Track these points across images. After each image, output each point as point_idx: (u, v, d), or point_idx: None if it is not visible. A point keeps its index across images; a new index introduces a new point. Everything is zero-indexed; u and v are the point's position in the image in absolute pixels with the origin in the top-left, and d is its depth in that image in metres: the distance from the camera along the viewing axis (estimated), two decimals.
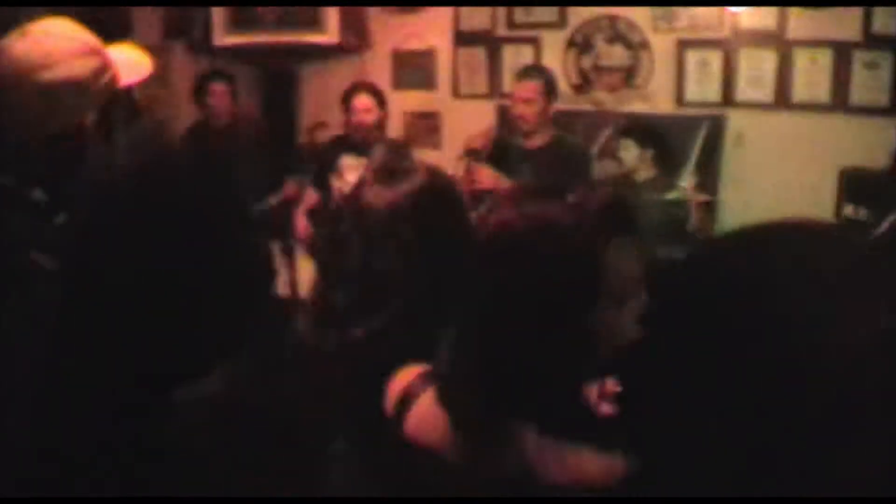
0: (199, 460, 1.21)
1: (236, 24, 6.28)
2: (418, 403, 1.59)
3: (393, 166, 1.88)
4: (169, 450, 1.17)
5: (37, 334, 1.40)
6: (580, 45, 6.06)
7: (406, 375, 1.64)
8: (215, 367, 1.24)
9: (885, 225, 4.16)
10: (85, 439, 1.12)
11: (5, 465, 1.15)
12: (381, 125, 5.39)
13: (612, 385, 1.62)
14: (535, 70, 5.12)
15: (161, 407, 1.20)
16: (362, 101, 5.31)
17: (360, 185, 1.88)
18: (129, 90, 1.95)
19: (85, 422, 1.13)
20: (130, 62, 1.92)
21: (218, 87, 5.73)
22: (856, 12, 5.33)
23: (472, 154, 4.68)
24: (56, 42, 1.72)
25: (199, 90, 5.71)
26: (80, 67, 1.73)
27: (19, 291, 1.47)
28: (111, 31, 5.87)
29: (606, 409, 1.61)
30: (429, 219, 1.78)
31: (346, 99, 5.37)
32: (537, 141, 4.80)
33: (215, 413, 1.29)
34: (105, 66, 1.79)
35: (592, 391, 1.64)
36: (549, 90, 4.88)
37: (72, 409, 1.15)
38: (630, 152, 5.35)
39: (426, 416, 1.57)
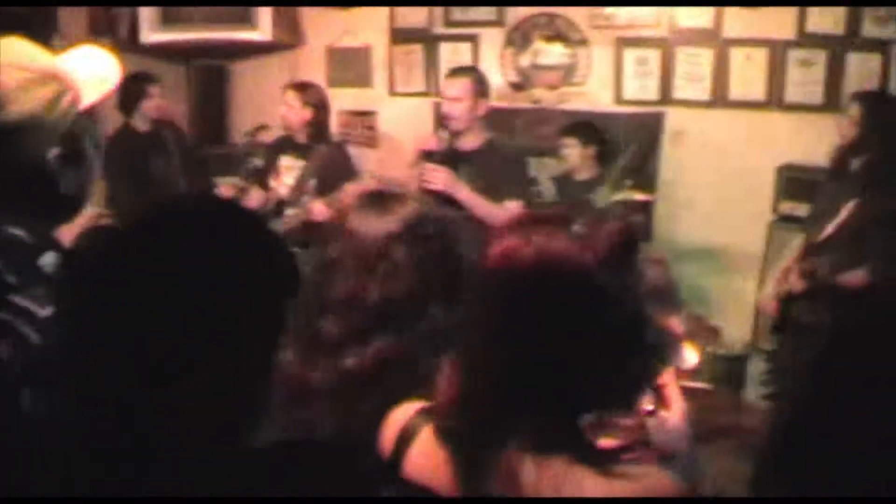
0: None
1: (164, 22, 6.11)
2: (417, 441, 1.53)
3: (381, 191, 1.82)
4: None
5: (25, 385, 1.30)
6: (518, 42, 6.03)
7: (403, 412, 1.58)
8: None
9: (830, 228, 4.21)
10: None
11: None
12: (316, 124, 5.25)
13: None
14: (464, 69, 5.02)
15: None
16: (286, 98, 5.21)
17: (343, 210, 1.81)
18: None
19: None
20: (95, 75, 1.76)
21: (155, 90, 5.57)
22: (790, 11, 5.39)
23: (427, 156, 4.61)
24: (3, 76, 1.56)
25: (131, 93, 5.49)
26: (33, 100, 1.58)
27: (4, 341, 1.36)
28: (35, 29, 5.69)
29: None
30: (424, 246, 1.72)
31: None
32: (471, 143, 4.71)
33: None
34: (62, 91, 1.63)
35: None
36: (480, 90, 4.78)
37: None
38: (573, 150, 5.35)
39: (426, 454, 1.51)
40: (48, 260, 1.49)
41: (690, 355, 5.51)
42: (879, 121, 4.20)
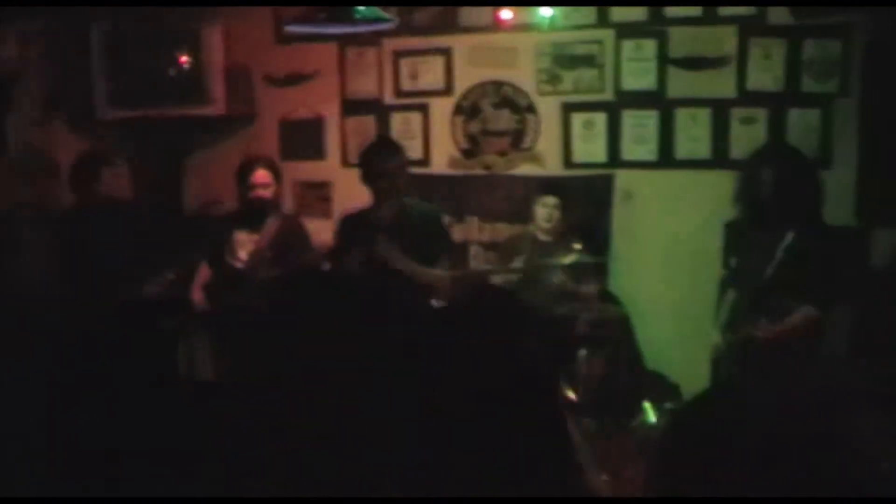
0: None
1: (120, 98, 6.14)
2: None
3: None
4: None
5: None
6: (467, 110, 6.12)
7: None
8: None
9: (769, 271, 4.34)
10: None
11: None
12: (276, 199, 5.37)
13: None
14: (393, 144, 5.17)
15: None
16: (261, 175, 5.26)
17: None
18: None
19: None
20: None
21: (108, 171, 5.52)
22: (731, 71, 5.55)
23: (351, 228, 4.78)
24: None
25: (83, 174, 5.46)
26: None
27: None
28: None
29: None
30: None
31: (243, 173, 5.29)
32: (387, 211, 4.82)
33: None
34: None
35: None
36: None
37: None
38: (546, 210, 5.38)
39: None
40: None
41: (650, 412, 5.52)
42: (786, 171, 4.43)
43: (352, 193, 6.32)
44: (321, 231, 6.09)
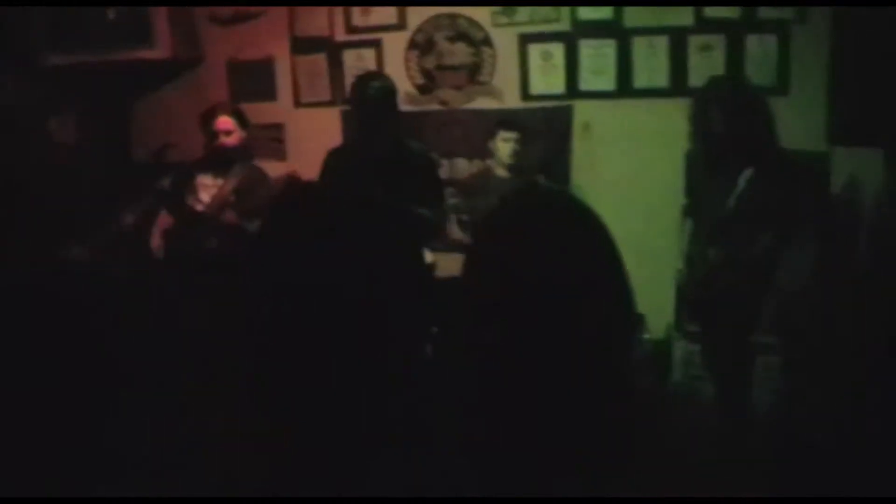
0: None
1: (62, 44, 5.94)
2: None
3: None
4: None
5: None
6: (422, 45, 6.01)
7: None
8: None
9: (731, 201, 4.39)
10: None
11: None
12: (244, 145, 5.26)
13: None
14: (386, 77, 4.91)
15: None
16: (224, 122, 5.15)
17: None
18: None
19: None
20: None
21: (57, 122, 5.40)
22: None
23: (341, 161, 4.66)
24: None
25: (34, 125, 5.36)
26: None
27: None
28: None
29: None
30: None
31: (206, 121, 5.18)
32: (381, 147, 4.69)
33: None
34: None
35: None
36: None
37: None
38: (508, 145, 5.34)
39: None
40: None
41: None
42: (734, 105, 4.44)
43: (305, 135, 6.24)
44: (275, 173, 6.00)
